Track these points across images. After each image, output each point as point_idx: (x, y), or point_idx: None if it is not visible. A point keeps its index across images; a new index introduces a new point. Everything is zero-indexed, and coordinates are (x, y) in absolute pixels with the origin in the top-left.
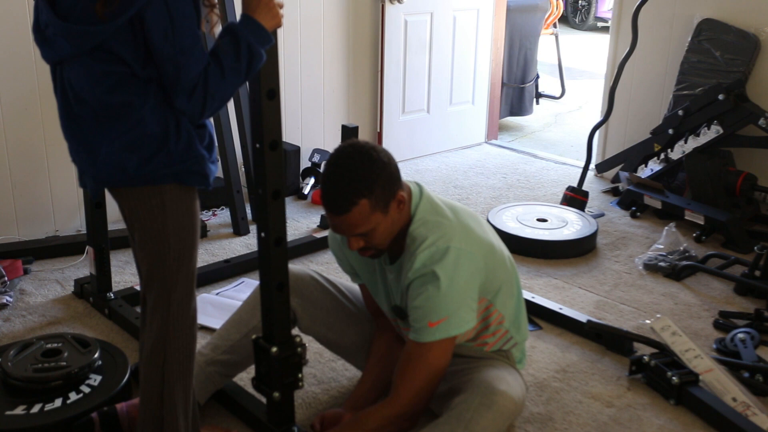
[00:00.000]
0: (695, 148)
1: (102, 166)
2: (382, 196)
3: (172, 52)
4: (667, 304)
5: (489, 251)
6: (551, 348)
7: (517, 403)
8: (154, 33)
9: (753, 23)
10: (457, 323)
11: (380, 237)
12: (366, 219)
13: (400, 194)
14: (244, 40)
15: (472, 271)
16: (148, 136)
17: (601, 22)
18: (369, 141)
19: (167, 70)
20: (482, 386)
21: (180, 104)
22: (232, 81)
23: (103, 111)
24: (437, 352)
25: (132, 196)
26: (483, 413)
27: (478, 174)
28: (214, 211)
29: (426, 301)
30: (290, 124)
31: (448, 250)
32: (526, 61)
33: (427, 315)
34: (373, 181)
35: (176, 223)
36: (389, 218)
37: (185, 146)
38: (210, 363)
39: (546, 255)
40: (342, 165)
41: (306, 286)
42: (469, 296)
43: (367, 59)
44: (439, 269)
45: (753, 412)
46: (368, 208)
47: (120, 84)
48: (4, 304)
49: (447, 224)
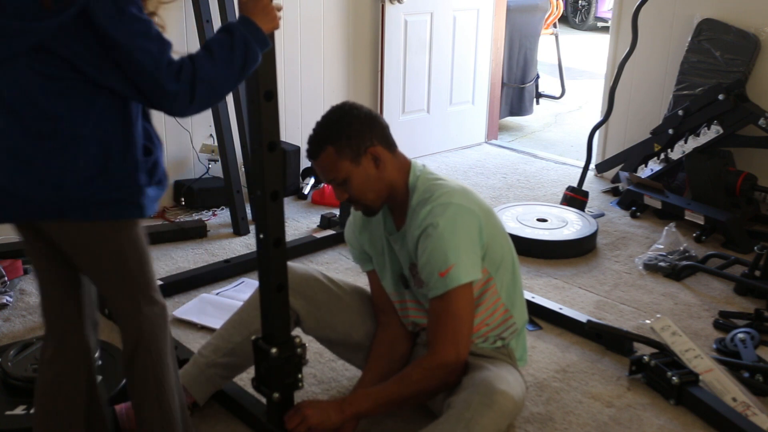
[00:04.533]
0: (695, 148)
1: (35, 187)
2: (349, 146)
3: (131, 39)
4: (667, 304)
5: (489, 214)
6: (551, 348)
7: (517, 402)
8: (105, 22)
9: (753, 23)
10: (465, 270)
11: (357, 189)
12: (334, 165)
13: (374, 149)
14: (240, 34)
15: (473, 226)
16: (86, 157)
17: (601, 22)
18: (361, 103)
19: (137, 58)
20: (482, 385)
21: (170, 88)
22: (224, 70)
23: (37, 124)
24: (456, 300)
25: (72, 233)
26: (483, 413)
27: (478, 174)
28: (214, 211)
29: (432, 254)
30: (290, 124)
31: (448, 205)
32: (526, 61)
33: (435, 267)
34: (339, 131)
35: (126, 256)
36: (362, 170)
37: (126, 174)
38: (210, 365)
39: (546, 255)
40: (322, 117)
41: (310, 288)
42: (472, 248)
43: (367, 59)
44: (440, 220)
45: (753, 412)
46: (334, 154)
47: (65, 92)
48: (4, 304)
49: (447, 186)
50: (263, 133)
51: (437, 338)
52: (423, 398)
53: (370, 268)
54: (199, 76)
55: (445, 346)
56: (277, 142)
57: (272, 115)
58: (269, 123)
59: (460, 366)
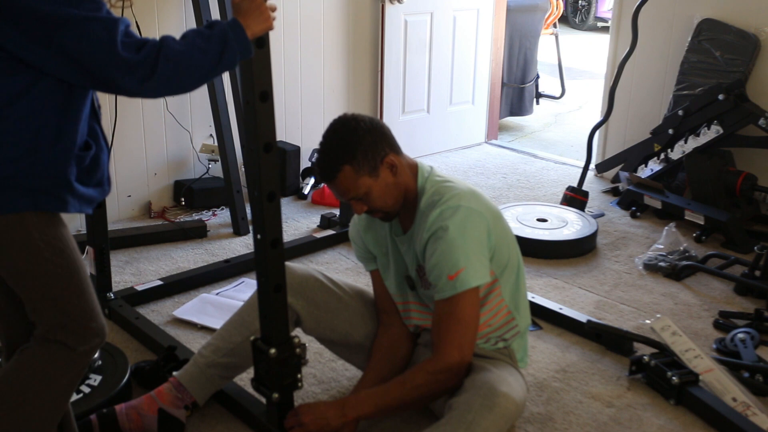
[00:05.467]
0: (695, 148)
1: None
2: (365, 161)
3: (74, 11)
4: (667, 304)
5: (496, 217)
6: (551, 348)
7: (519, 404)
8: (38, 3)
9: (753, 23)
10: (474, 274)
11: (378, 199)
12: (354, 183)
13: (389, 159)
14: (221, 30)
15: (482, 229)
16: (11, 138)
17: (601, 22)
18: (358, 113)
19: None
20: (484, 387)
21: (126, 56)
22: (194, 56)
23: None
24: (463, 304)
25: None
26: (484, 415)
27: (478, 174)
28: (214, 211)
29: (441, 257)
30: (290, 124)
31: (458, 208)
32: (526, 61)
33: (444, 270)
34: (353, 148)
35: (44, 257)
36: (381, 181)
37: (53, 162)
38: (210, 365)
39: (546, 255)
40: (327, 137)
41: (311, 288)
42: (481, 251)
43: (367, 59)
44: (450, 224)
45: (753, 412)
46: (352, 173)
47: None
48: None
49: (456, 188)
50: (259, 133)
51: (441, 341)
52: (425, 402)
53: (373, 268)
54: (163, 53)
55: (450, 349)
56: (273, 143)
57: (268, 116)
58: (265, 124)
59: (464, 370)
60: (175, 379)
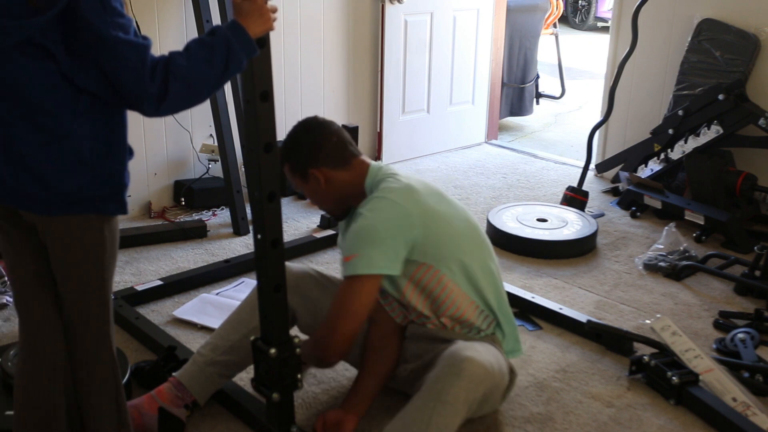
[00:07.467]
0: (695, 148)
1: (20, 178)
2: (297, 166)
3: (115, 32)
4: (667, 304)
5: (431, 216)
6: (551, 348)
7: (488, 369)
8: (90, 15)
9: (753, 23)
10: (365, 263)
11: (313, 200)
12: (292, 179)
13: (312, 172)
14: (222, 36)
15: (398, 222)
16: (73, 153)
17: (601, 22)
18: (319, 119)
19: (122, 51)
20: (448, 356)
21: (149, 89)
22: (201, 69)
23: (25, 117)
24: (349, 289)
25: (54, 226)
26: (452, 382)
27: (478, 174)
28: (214, 211)
29: (347, 238)
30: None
31: (381, 199)
32: (526, 61)
33: (344, 251)
34: (290, 151)
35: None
36: (310, 186)
37: (111, 173)
38: (209, 364)
39: (546, 255)
40: (289, 132)
41: (306, 285)
42: (389, 243)
43: (367, 59)
44: (365, 211)
45: (753, 412)
46: (290, 171)
47: (52, 88)
48: (4, 304)
49: (394, 183)
50: (259, 133)
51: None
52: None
53: None
54: (172, 73)
55: (324, 325)
56: (274, 143)
57: (268, 116)
58: (265, 124)
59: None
60: (174, 379)
